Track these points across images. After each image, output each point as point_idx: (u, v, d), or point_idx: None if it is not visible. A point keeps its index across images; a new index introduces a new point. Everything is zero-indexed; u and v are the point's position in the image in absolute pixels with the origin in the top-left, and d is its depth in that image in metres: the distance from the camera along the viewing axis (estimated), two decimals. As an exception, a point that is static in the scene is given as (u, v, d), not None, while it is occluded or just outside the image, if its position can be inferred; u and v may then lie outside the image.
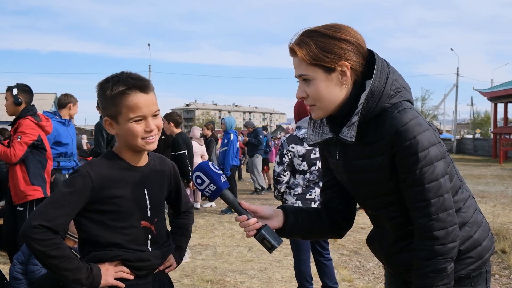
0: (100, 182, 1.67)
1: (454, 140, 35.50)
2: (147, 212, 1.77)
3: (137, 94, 1.67)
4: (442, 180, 1.49)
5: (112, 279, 1.70)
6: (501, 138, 25.10)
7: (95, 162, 1.75)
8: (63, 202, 1.63)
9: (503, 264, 5.31)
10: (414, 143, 1.46)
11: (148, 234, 1.77)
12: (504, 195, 11.13)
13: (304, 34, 1.57)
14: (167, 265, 1.88)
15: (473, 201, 1.68)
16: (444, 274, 1.49)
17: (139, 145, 1.70)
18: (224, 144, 9.10)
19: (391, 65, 1.59)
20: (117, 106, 1.67)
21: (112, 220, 1.70)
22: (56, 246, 1.62)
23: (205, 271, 5.08)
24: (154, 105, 1.71)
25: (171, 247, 1.90)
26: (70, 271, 1.63)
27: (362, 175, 1.60)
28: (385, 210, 1.63)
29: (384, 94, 1.51)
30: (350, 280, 4.79)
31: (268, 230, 1.63)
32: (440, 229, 1.48)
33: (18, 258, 3.92)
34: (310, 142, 1.69)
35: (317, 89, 1.55)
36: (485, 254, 1.63)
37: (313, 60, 1.52)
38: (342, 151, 1.65)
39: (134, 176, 1.75)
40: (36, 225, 1.59)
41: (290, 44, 1.58)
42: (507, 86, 26.24)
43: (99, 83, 1.74)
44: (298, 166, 3.84)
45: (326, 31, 1.54)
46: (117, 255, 1.72)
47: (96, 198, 1.68)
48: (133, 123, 1.67)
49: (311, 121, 1.71)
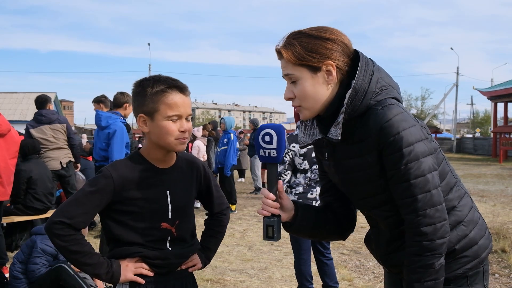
0: (121, 183, 1.73)
1: (454, 139, 35.47)
2: (168, 214, 1.80)
3: (177, 93, 1.73)
4: (429, 176, 1.48)
5: (132, 274, 1.75)
6: (501, 137, 25.07)
7: (119, 163, 1.81)
8: (84, 200, 1.71)
9: (503, 264, 5.31)
10: (398, 139, 1.46)
11: (167, 235, 1.81)
12: (504, 194, 11.13)
13: (290, 36, 1.59)
14: (190, 265, 1.89)
15: (468, 199, 1.68)
16: (432, 270, 1.48)
17: (171, 144, 1.74)
18: (224, 143, 9.09)
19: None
20: (156, 102, 1.71)
21: (133, 221, 1.76)
22: (76, 242, 1.70)
23: (205, 270, 5.08)
24: (189, 107, 1.77)
25: (194, 247, 1.91)
26: (90, 265, 1.71)
27: (352, 175, 1.60)
28: (378, 210, 1.63)
29: (368, 91, 1.52)
30: (350, 279, 4.79)
31: (279, 221, 1.64)
32: (428, 225, 1.47)
33: (18, 257, 3.93)
34: (301, 144, 1.69)
35: (303, 88, 1.56)
36: (482, 253, 1.63)
37: (298, 60, 1.54)
38: (332, 152, 1.66)
39: (157, 178, 1.79)
40: (57, 221, 1.68)
41: (276, 47, 1.60)
42: (507, 85, 26.21)
43: (138, 81, 1.79)
44: (300, 165, 3.83)
45: (312, 32, 1.57)
46: (137, 252, 1.76)
47: (117, 199, 1.74)
48: (169, 121, 1.72)
49: (302, 124, 1.71)
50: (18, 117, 37.43)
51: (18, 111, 39.56)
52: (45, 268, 3.84)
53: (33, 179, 5.82)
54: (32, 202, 5.82)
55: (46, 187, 5.99)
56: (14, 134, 4.86)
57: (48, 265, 3.87)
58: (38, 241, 3.88)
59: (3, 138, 4.61)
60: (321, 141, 1.66)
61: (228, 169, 8.90)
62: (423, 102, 51.87)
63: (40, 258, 3.85)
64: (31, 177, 5.80)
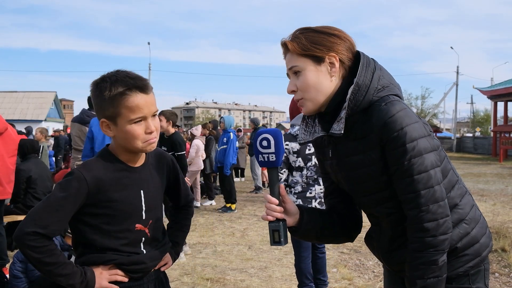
0: (96, 185, 1.63)
1: (454, 138, 35.45)
2: (142, 215, 1.74)
3: (138, 94, 1.62)
4: (432, 172, 1.48)
5: (106, 282, 1.68)
6: (501, 136, 25.07)
7: (91, 163, 1.70)
8: (57, 207, 1.59)
9: (503, 263, 5.31)
10: (402, 134, 1.46)
11: (141, 236, 1.75)
12: (504, 194, 11.13)
13: (296, 31, 1.62)
14: (162, 264, 1.86)
15: (470, 197, 1.68)
16: (435, 267, 1.48)
17: (139, 148, 1.66)
18: (224, 142, 9.09)
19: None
20: (116, 107, 1.61)
21: (106, 224, 1.68)
22: (51, 253, 1.59)
23: (205, 270, 5.08)
24: (153, 106, 1.67)
25: (167, 246, 1.87)
26: (64, 276, 1.61)
27: (356, 172, 1.60)
28: (381, 207, 1.63)
29: (371, 87, 1.53)
30: (350, 278, 4.79)
31: (284, 225, 1.62)
32: (431, 221, 1.47)
33: (18, 257, 3.93)
34: (301, 140, 1.70)
35: (306, 79, 1.57)
36: (483, 251, 1.63)
37: (302, 50, 1.57)
38: (335, 150, 1.65)
39: (130, 178, 1.72)
40: (30, 232, 1.55)
41: (282, 40, 1.63)
42: (507, 84, 26.21)
43: (94, 82, 1.67)
44: (294, 162, 3.89)
45: (318, 28, 1.61)
46: (111, 259, 1.69)
47: (91, 202, 1.64)
48: (133, 124, 1.62)
49: (304, 121, 1.72)
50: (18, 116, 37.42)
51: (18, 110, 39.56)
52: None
53: (32, 179, 5.83)
54: (32, 202, 5.84)
55: (45, 186, 6.01)
56: (12, 132, 4.86)
57: (48, 264, 3.86)
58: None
59: (1, 136, 4.60)
60: (323, 140, 1.66)
61: (227, 168, 8.90)
62: (423, 101, 51.95)
63: (40, 257, 3.84)
64: (30, 176, 5.81)
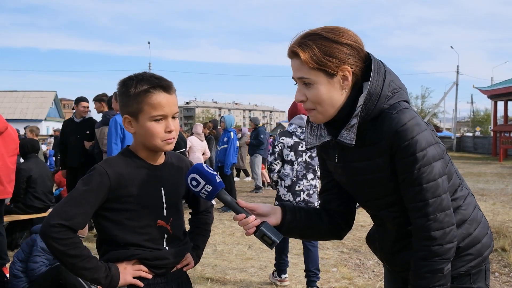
0: (117, 180, 1.67)
1: (454, 138, 35.47)
2: (163, 211, 1.77)
3: (161, 93, 1.68)
4: (440, 180, 1.49)
5: (131, 277, 1.70)
6: (501, 136, 25.09)
7: (112, 159, 1.75)
8: (81, 200, 1.63)
9: (503, 262, 5.31)
10: (413, 143, 1.47)
11: (164, 233, 1.77)
12: (504, 193, 11.14)
13: (305, 37, 1.55)
14: (184, 264, 1.88)
15: (472, 198, 1.69)
16: (441, 275, 1.49)
17: (158, 145, 1.70)
18: (224, 142, 9.09)
19: (388, 66, 1.59)
20: (140, 103, 1.67)
21: (128, 219, 1.70)
22: (75, 245, 1.61)
23: (205, 269, 5.08)
24: (175, 106, 1.72)
25: (188, 246, 1.89)
26: (88, 270, 1.63)
27: (362, 177, 1.60)
28: (387, 211, 1.64)
29: (382, 95, 1.52)
30: (350, 278, 4.79)
31: (267, 226, 1.63)
32: (438, 230, 1.48)
33: (18, 256, 3.93)
34: (308, 145, 1.68)
35: (319, 93, 1.54)
36: (485, 251, 1.63)
37: (316, 64, 1.51)
38: (341, 154, 1.65)
39: (151, 175, 1.75)
40: (55, 224, 1.58)
41: (291, 46, 1.56)
42: (507, 84, 26.22)
43: (121, 81, 1.74)
44: (287, 156, 4.35)
45: (328, 34, 1.53)
46: (134, 254, 1.71)
47: (113, 196, 1.68)
48: (153, 122, 1.68)
49: (309, 125, 1.70)
50: (18, 116, 37.50)
51: (18, 109, 39.62)
52: (45, 266, 3.84)
53: (32, 178, 5.83)
54: (32, 201, 5.85)
55: (45, 185, 6.01)
56: (12, 132, 4.86)
57: (48, 263, 3.87)
58: (38, 239, 3.88)
59: (1, 136, 4.61)
60: (328, 142, 1.65)
61: (228, 167, 8.90)
62: (423, 100, 51.99)
63: (40, 256, 3.85)
64: (30, 176, 5.81)
